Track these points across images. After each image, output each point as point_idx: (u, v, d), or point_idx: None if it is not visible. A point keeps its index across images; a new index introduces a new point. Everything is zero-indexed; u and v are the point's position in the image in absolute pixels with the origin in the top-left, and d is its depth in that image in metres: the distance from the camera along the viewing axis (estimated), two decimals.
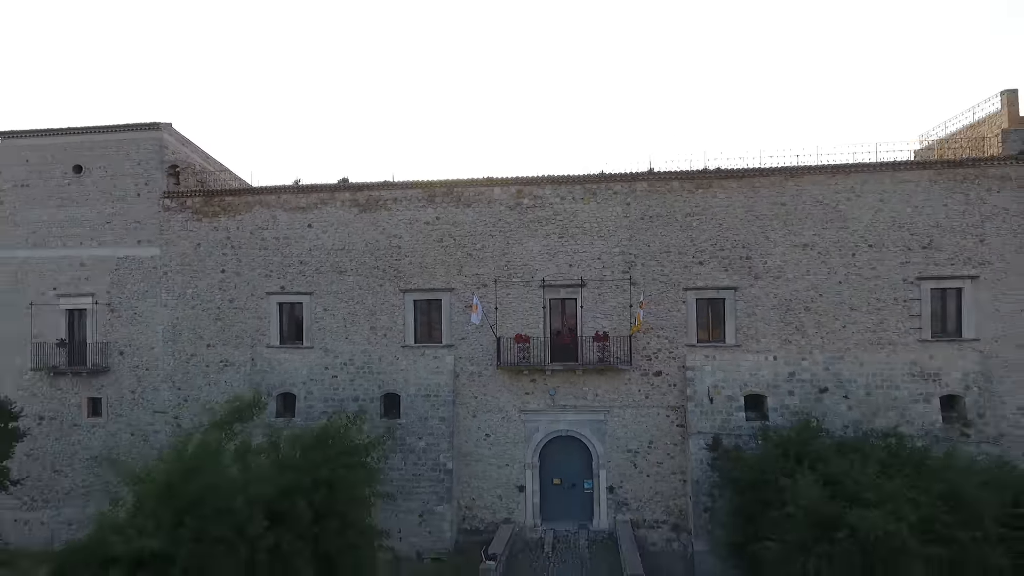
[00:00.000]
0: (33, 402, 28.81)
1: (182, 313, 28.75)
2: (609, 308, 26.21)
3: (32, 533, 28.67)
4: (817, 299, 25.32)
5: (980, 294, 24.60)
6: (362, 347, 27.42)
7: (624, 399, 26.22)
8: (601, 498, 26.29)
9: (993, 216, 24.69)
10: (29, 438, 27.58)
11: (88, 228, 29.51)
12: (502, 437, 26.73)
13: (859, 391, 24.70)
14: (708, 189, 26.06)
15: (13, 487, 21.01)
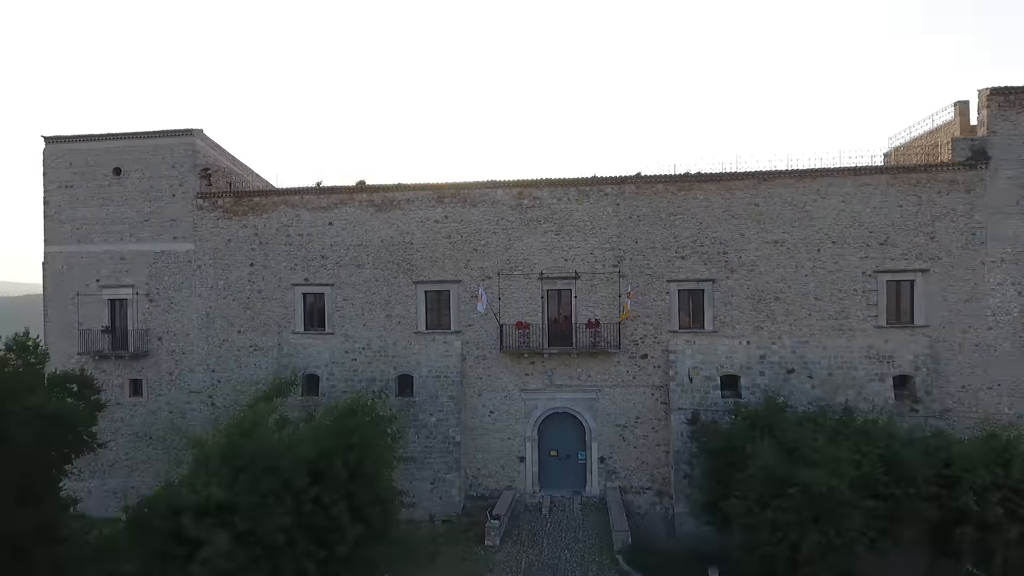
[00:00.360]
0: None
1: (214, 303, 31.76)
2: (600, 298, 29.22)
3: (80, 504, 31.79)
4: (786, 290, 28.35)
5: (930, 286, 27.64)
6: (378, 333, 30.47)
7: (614, 379, 29.32)
8: (593, 467, 29.46)
9: (942, 216, 27.67)
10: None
11: (127, 225, 32.45)
12: (504, 413, 29.86)
13: (822, 372, 27.80)
14: (689, 191, 29.02)
15: (100, 448, 23.75)
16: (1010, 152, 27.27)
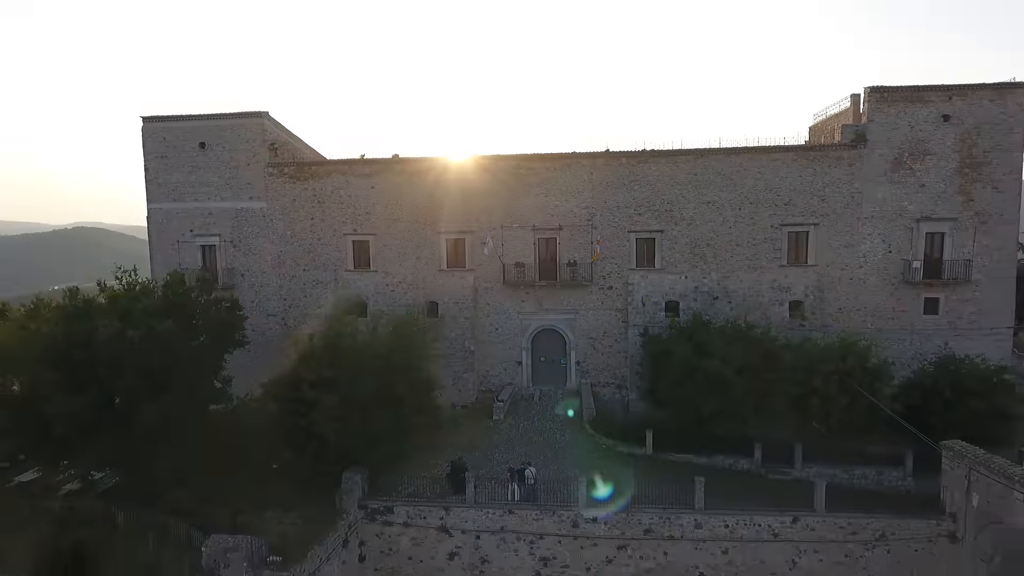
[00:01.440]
0: None
1: (284, 248, 41.45)
2: (577, 244, 39.00)
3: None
4: (714, 238, 38.16)
5: (819, 235, 37.49)
6: (411, 270, 40.35)
7: (587, 304, 39.46)
8: (571, 369, 39.96)
9: (831, 184, 37.24)
10: None
11: (212, 188, 41.81)
12: (506, 329, 40.13)
13: (738, 298, 37.91)
14: (645, 164, 38.45)
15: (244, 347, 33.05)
16: (882, 136, 36.65)
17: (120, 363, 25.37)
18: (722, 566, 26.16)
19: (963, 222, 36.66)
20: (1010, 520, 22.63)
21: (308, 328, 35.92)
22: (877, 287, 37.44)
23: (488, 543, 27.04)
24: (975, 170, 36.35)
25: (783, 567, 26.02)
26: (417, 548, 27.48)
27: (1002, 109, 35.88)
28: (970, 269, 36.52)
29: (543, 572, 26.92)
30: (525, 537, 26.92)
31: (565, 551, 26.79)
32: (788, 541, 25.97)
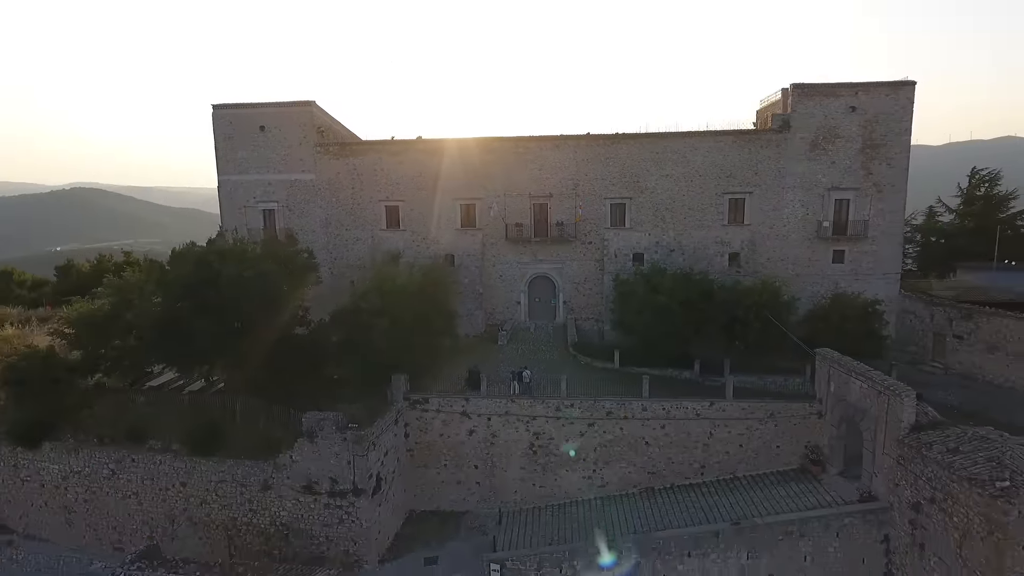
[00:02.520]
0: None
1: (330, 212, 51.78)
2: (564, 208, 49.39)
3: None
4: (672, 204, 48.54)
5: (753, 201, 47.87)
6: (433, 229, 50.77)
7: (572, 256, 50.06)
8: (560, 307, 50.78)
9: (763, 160, 47.46)
10: None
11: (271, 163, 51.94)
12: (508, 276, 50.81)
13: (689, 251, 48.46)
14: (617, 144, 48.60)
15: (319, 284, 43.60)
16: (802, 123, 46.77)
17: (238, 296, 36.10)
18: (660, 437, 37.32)
19: (864, 191, 47.08)
20: (849, 398, 33.64)
21: (350, 275, 46.81)
22: (797, 242, 48.05)
23: (496, 423, 38.16)
24: (874, 150, 46.59)
25: (703, 437, 37.18)
26: (446, 427, 38.64)
27: (895, 102, 45.94)
28: (868, 228, 47.11)
29: (535, 443, 38.11)
30: (522, 418, 38.01)
31: (551, 428, 37.93)
32: (707, 419, 37.05)
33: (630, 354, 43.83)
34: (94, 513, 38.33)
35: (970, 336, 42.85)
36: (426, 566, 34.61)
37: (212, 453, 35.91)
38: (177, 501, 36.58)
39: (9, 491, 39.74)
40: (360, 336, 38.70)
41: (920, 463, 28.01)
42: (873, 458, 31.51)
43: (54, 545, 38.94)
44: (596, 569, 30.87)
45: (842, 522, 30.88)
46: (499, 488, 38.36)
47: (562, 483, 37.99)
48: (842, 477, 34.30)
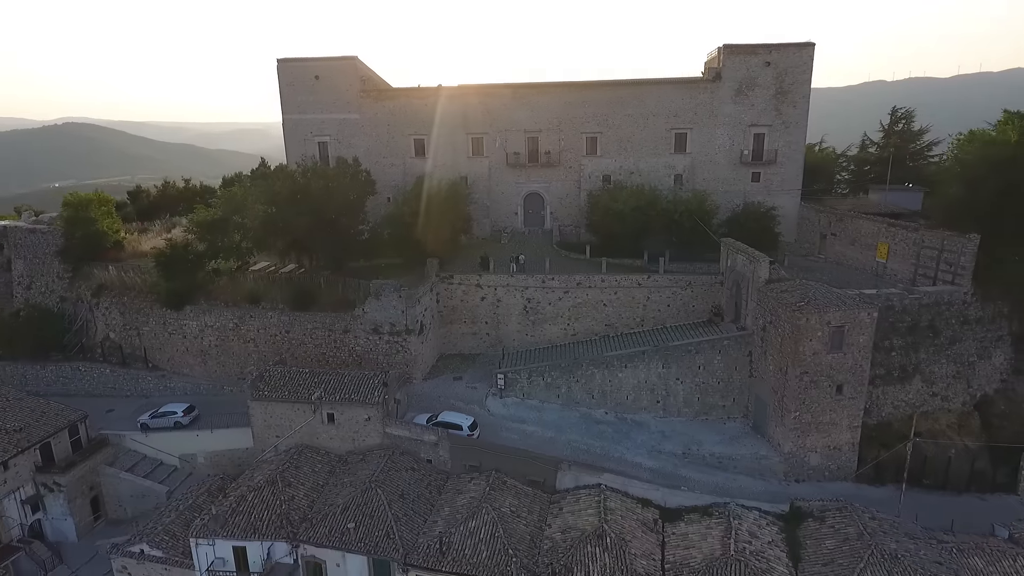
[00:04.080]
0: None
1: (370, 144, 67.07)
2: (551, 140, 64.89)
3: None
4: (632, 137, 64.04)
5: (693, 135, 63.40)
6: (451, 158, 66.18)
7: (557, 177, 65.89)
8: (547, 216, 67.00)
9: (701, 104, 62.72)
10: None
11: (324, 105, 66.86)
12: (508, 193, 66.79)
13: (645, 173, 64.13)
14: (591, 90, 63.73)
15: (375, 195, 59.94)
16: (730, 75, 61.74)
17: (323, 202, 52.25)
18: (613, 300, 54.16)
19: (775, 127, 62.55)
20: (736, 267, 50.27)
21: (387, 193, 62.70)
22: (725, 166, 63.85)
23: (500, 292, 54.93)
24: (783, 95, 61.82)
25: (643, 300, 54.00)
26: (465, 295, 55.45)
27: (800, 59, 60.90)
28: (777, 155, 62.84)
29: (528, 306, 54.96)
30: (519, 289, 54.74)
31: (539, 295, 54.73)
32: (645, 287, 53.80)
33: (597, 248, 60.07)
34: (223, 355, 55.58)
35: (839, 234, 59.30)
36: (454, 380, 52.12)
37: (307, 309, 52.85)
38: (283, 343, 53.71)
39: (160, 342, 56.92)
40: (403, 232, 55.13)
41: (767, 301, 44.96)
42: (745, 304, 48.54)
43: (193, 378, 56.38)
44: (562, 373, 48.40)
45: (723, 344, 48.17)
46: (503, 337, 55.52)
47: (546, 333, 55.15)
48: (732, 323, 51.40)
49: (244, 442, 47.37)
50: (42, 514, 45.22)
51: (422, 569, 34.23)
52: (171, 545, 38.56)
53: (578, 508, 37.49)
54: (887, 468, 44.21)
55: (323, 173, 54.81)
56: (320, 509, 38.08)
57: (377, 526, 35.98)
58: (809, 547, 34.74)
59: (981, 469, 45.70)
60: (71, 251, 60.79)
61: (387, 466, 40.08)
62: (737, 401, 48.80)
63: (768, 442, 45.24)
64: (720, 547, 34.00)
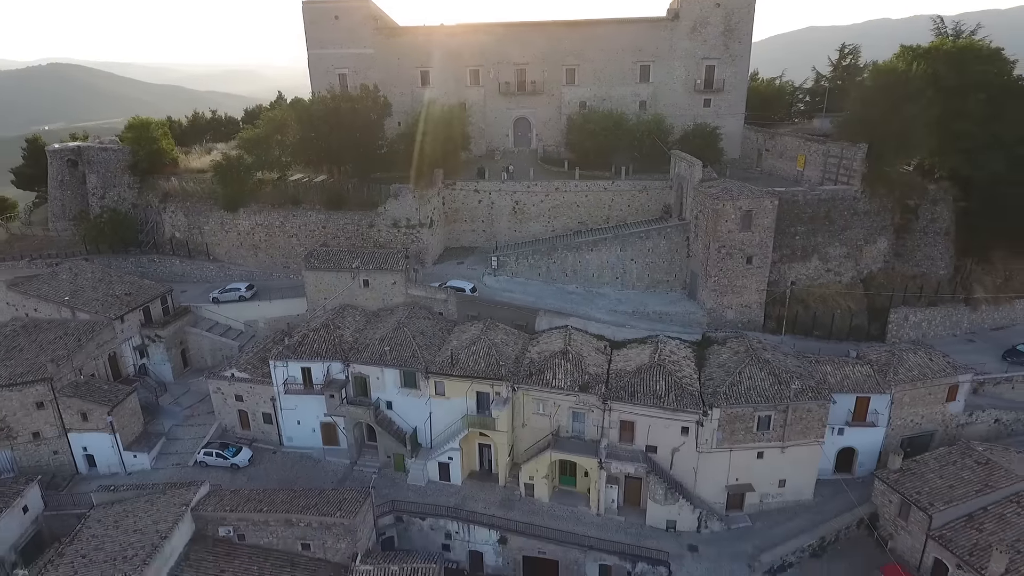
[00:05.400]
0: None
1: (382, 75, 78.69)
2: (537, 70, 76.84)
3: None
4: (603, 69, 76.04)
5: (654, 67, 75.48)
6: (452, 86, 78.10)
7: (541, 103, 78.15)
8: (533, 138, 79.61)
9: (662, 39, 74.54)
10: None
11: (343, 41, 78.34)
12: (500, 117, 79.18)
13: (615, 100, 76.34)
14: (570, 28, 75.41)
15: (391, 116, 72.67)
16: (686, 14, 73.40)
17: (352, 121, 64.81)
18: (584, 202, 67.45)
19: (724, 59, 74.62)
20: (680, 172, 63.42)
21: (397, 118, 74.96)
22: (680, 94, 76.16)
23: (494, 195, 68.12)
24: (731, 32, 73.69)
25: (608, 201, 67.27)
26: (465, 199, 68.66)
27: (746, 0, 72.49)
28: (725, 84, 75.11)
29: (516, 207, 68.25)
30: (509, 193, 67.91)
31: (525, 198, 67.95)
32: (610, 191, 67.05)
33: (574, 163, 73.05)
34: (270, 248, 69.05)
35: (771, 150, 72.25)
36: (457, 265, 65.89)
37: (339, 209, 66.06)
38: (320, 237, 67.07)
39: (219, 238, 70.22)
40: (414, 148, 67.82)
41: (699, 196, 58.35)
42: (685, 200, 61.99)
43: (246, 267, 69.99)
44: (542, 256, 62.17)
45: (667, 231, 61.84)
46: (496, 233, 69.01)
47: (531, 229, 68.63)
48: (677, 218, 64.88)
49: (295, 310, 61.47)
50: (147, 359, 59.54)
51: (438, 375, 48.61)
52: (253, 370, 52.97)
53: (550, 339, 51.83)
54: (787, 322, 58.62)
55: (349, 97, 67.23)
56: (362, 342, 52.29)
57: (405, 350, 50.21)
58: (710, 359, 49.33)
59: (859, 324, 60.17)
60: (138, 165, 73.25)
61: (410, 315, 54.17)
62: (678, 276, 62.84)
63: (697, 303, 59.49)
64: (648, 359, 48.46)
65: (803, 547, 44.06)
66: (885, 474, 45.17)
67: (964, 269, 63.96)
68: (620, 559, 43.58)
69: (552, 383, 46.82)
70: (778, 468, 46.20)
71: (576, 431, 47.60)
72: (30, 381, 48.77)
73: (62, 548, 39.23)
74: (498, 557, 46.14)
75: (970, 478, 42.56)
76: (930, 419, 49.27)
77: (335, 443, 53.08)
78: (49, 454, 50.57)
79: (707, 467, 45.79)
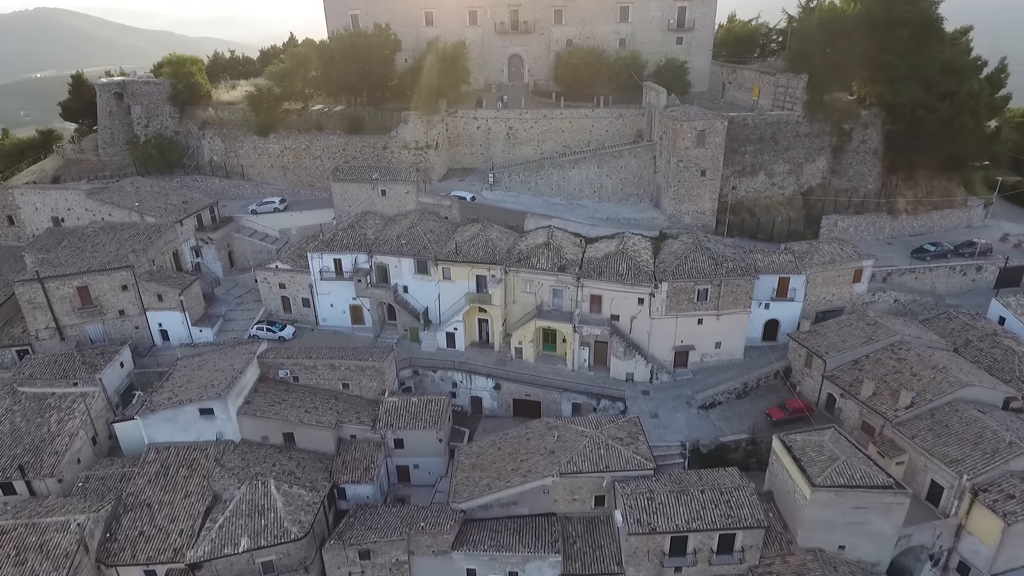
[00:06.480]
0: None
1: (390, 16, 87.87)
2: (528, 12, 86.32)
3: None
4: (588, 9, 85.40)
5: (633, 7, 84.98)
6: (454, 27, 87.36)
7: (532, 42, 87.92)
8: (526, 73, 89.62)
9: None
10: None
11: None
12: (496, 54, 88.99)
13: (598, 38, 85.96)
14: None
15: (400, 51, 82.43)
16: None
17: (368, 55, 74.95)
18: (568, 127, 78.16)
19: (694, 1, 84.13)
20: (650, 100, 73.97)
21: (404, 55, 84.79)
22: (657, 32, 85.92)
23: (491, 122, 78.79)
24: None
25: (589, 127, 77.97)
26: (466, 125, 79.36)
27: None
28: (695, 23, 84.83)
29: (510, 133, 78.99)
30: (503, 120, 78.56)
31: (517, 124, 78.62)
32: (590, 118, 77.68)
33: (560, 95, 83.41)
34: (297, 169, 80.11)
35: (733, 83, 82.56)
36: (459, 181, 77.07)
37: (357, 133, 76.88)
38: (341, 158, 78.02)
39: (252, 160, 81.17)
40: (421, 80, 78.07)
41: (663, 119, 69.09)
42: (654, 124, 72.79)
43: (277, 185, 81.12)
44: (531, 173, 73.34)
45: (637, 150, 72.89)
46: (492, 156, 79.95)
47: (522, 152, 79.57)
48: (646, 140, 75.70)
49: (321, 219, 72.90)
50: (201, 259, 71.32)
51: (445, 262, 60.37)
52: (293, 263, 64.78)
53: (536, 235, 63.50)
54: (734, 226, 70.30)
55: (364, 35, 77.20)
56: (382, 238, 63.92)
57: (418, 243, 61.87)
58: (664, 248, 61.15)
59: (796, 229, 71.80)
60: (178, 97, 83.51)
61: (421, 218, 65.68)
62: (646, 190, 74.20)
63: (660, 210, 71.00)
64: (615, 248, 60.22)
65: (730, 390, 56.70)
66: (797, 335, 57.56)
67: (890, 184, 75.19)
68: (588, 398, 56.30)
69: (536, 266, 58.67)
70: (714, 332, 58.47)
71: (556, 305, 59.69)
72: (116, 267, 60.55)
73: (161, 382, 51.79)
74: (494, 400, 58.89)
75: (859, 334, 54.86)
76: (840, 297, 61.34)
77: (361, 322, 65.29)
78: (132, 329, 62.70)
79: (658, 331, 58.02)
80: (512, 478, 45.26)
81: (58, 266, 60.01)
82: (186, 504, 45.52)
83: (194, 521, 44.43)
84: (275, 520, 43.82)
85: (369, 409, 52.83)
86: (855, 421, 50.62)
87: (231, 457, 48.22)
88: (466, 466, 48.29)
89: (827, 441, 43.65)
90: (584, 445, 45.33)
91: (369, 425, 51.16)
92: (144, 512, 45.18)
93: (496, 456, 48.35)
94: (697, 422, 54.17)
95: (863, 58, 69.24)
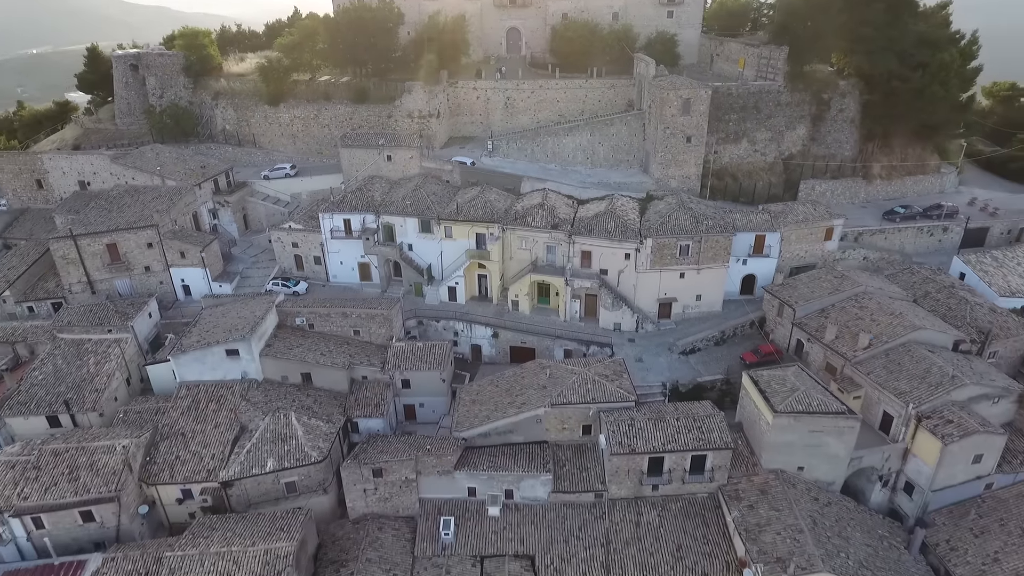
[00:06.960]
0: None
1: None
2: None
3: None
4: None
5: None
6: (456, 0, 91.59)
7: (530, 15, 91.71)
8: (523, 46, 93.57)
9: None
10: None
11: None
12: (495, 27, 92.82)
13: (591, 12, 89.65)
14: None
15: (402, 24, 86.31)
16: None
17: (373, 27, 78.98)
18: (563, 97, 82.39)
19: None
20: (640, 71, 78.15)
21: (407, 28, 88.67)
22: (647, 6, 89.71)
23: (490, 92, 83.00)
24: None
25: (583, 96, 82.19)
26: (466, 95, 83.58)
27: None
28: None
29: (507, 102, 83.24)
30: (502, 90, 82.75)
31: (515, 94, 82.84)
32: (583, 89, 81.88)
33: (556, 66, 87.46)
34: (306, 137, 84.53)
35: (721, 55, 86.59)
36: (460, 149, 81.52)
37: (363, 103, 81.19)
38: (348, 126, 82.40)
39: (262, 128, 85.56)
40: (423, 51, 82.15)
41: (652, 88, 73.38)
42: (643, 94, 77.08)
43: (287, 153, 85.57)
44: (528, 141, 77.81)
45: (627, 119, 77.29)
46: (491, 124, 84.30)
47: (520, 121, 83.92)
48: (636, 109, 80.00)
49: (330, 184, 77.47)
50: (217, 220, 76.07)
51: (448, 220, 65.11)
52: (305, 223, 69.56)
53: (532, 197, 68.19)
54: (717, 190, 74.98)
55: (369, 8, 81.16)
56: (389, 200, 68.60)
57: (423, 204, 66.56)
58: (650, 208, 65.89)
59: (776, 193, 76.46)
60: (191, 68, 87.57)
61: (424, 181, 70.29)
62: (636, 156, 78.75)
63: (648, 175, 75.64)
64: (604, 208, 64.95)
65: (709, 338, 61.86)
66: (771, 287, 62.57)
67: (867, 151, 79.67)
68: (579, 344, 61.48)
69: (532, 224, 63.45)
70: (695, 286, 63.44)
71: (549, 260, 64.61)
72: (142, 226, 65.36)
73: (190, 328, 56.86)
74: (492, 348, 64.09)
75: (826, 286, 59.84)
76: (812, 254, 66.19)
77: (369, 279, 70.23)
78: (156, 284, 67.64)
79: (643, 284, 62.98)
80: (508, 409, 50.48)
81: (88, 225, 64.82)
82: (216, 433, 50.76)
83: (224, 447, 49.69)
84: (297, 447, 49.10)
85: (379, 353, 57.96)
86: (820, 363, 55.76)
87: (255, 393, 53.40)
88: (467, 402, 53.50)
89: (790, 376, 48.81)
90: (573, 380, 50.46)
91: (379, 367, 56.32)
92: (179, 440, 50.44)
93: (494, 392, 53.56)
94: (678, 366, 59.37)
95: (842, 31, 73.38)
